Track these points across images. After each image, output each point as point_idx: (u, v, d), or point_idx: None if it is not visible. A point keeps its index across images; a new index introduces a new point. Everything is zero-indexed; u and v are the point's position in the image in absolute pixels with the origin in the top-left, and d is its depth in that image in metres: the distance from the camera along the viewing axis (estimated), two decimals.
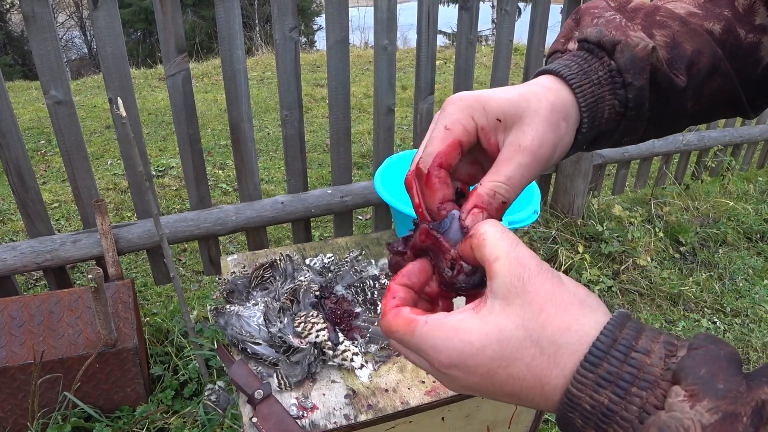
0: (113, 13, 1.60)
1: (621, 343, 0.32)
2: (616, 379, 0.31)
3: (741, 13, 0.46)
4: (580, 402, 0.32)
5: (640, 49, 0.42)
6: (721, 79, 0.45)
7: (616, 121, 0.45)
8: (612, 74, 0.43)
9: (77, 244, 1.78)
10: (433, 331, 0.36)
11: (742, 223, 2.98)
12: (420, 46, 2.08)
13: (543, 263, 0.36)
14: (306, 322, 0.99)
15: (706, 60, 0.44)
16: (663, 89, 0.44)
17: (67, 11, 14.99)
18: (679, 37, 0.44)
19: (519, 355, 0.33)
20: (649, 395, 0.30)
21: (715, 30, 0.45)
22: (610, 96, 0.43)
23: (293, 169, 2.05)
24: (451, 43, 9.69)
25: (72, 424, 1.56)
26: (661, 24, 0.44)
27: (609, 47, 0.43)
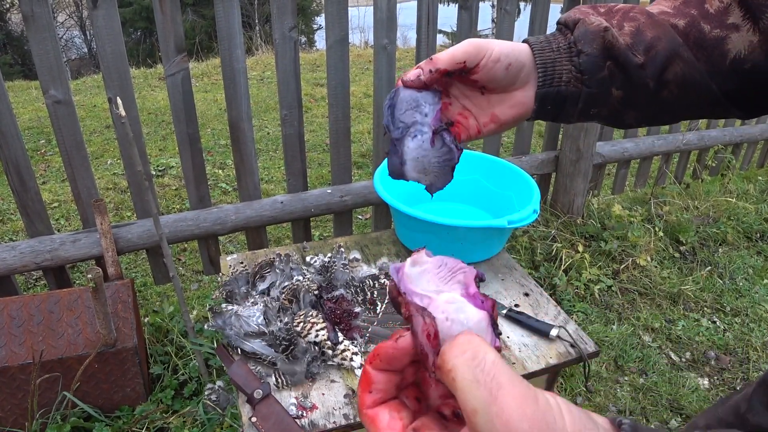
0: (113, 13, 1.60)
1: None
2: None
3: (711, 12, 0.53)
4: None
5: (594, 26, 0.53)
6: (683, 64, 0.52)
7: (577, 87, 0.53)
8: (569, 45, 0.53)
9: (77, 243, 1.78)
10: None
11: (742, 223, 2.98)
12: (420, 46, 2.07)
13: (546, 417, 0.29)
14: (305, 322, 0.99)
15: (664, 45, 0.52)
16: (622, 64, 0.52)
17: (67, 11, 14.99)
18: (643, 27, 0.53)
19: None
20: None
21: (679, 24, 0.53)
22: (566, 62, 0.53)
23: (293, 168, 2.05)
24: (451, 43, 9.69)
25: (71, 423, 1.56)
26: (632, 18, 0.54)
27: (571, 25, 0.54)
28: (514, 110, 0.55)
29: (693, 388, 1.92)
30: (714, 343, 2.15)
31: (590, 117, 0.56)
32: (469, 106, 0.56)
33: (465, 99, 0.55)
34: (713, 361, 2.07)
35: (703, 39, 0.52)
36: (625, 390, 1.92)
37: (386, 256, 1.30)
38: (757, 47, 0.52)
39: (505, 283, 1.23)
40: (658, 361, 2.04)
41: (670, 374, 1.98)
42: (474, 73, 0.52)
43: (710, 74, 0.52)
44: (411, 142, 0.52)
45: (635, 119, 0.56)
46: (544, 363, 1.00)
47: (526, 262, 2.48)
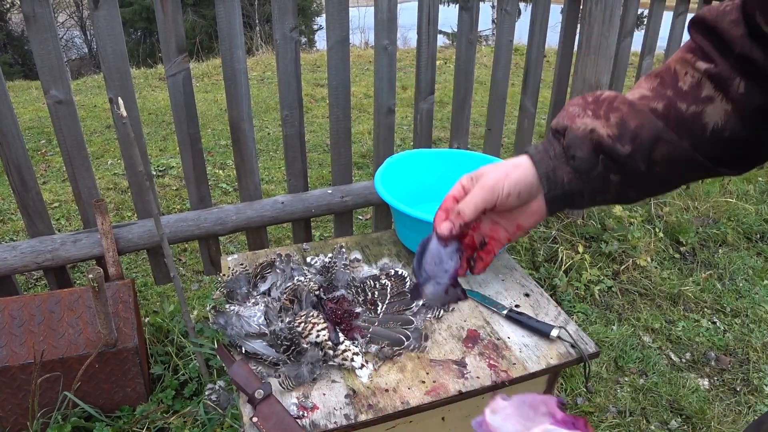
0: (114, 13, 1.60)
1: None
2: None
3: (685, 90, 0.58)
4: None
5: (580, 131, 0.60)
6: (668, 145, 0.58)
7: (578, 184, 0.61)
8: (564, 150, 0.61)
9: (77, 243, 1.79)
10: None
11: (742, 223, 2.98)
12: (420, 47, 2.08)
13: None
14: (306, 322, 0.99)
15: (647, 131, 0.57)
16: (612, 157, 0.58)
17: (68, 11, 14.99)
18: (626, 117, 0.58)
19: None
20: None
21: (658, 107, 0.58)
22: (565, 165, 0.61)
23: (293, 168, 2.05)
24: (452, 43, 9.69)
25: (72, 423, 1.57)
26: (616, 108, 0.59)
27: (561, 131, 0.61)
28: (534, 217, 0.64)
29: (693, 389, 1.92)
30: (714, 343, 2.16)
31: (599, 202, 0.63)
32: (497, 219, 0.66)
33: (493, 214, 0.65)
34: (713, 361, 2.07)
35: (682, 117, 0.57)
36: (625, 390, 1.92)
37: (387, 257, 1.31)
38: (732, 115, 0.56)
39: (505, 284, 1.24)
40: (659, 362, 2.04)
41: (670, 375, 1.99)
42: (493, 210, 0.63)
43: (694, 147, 0.57)
44: (430, 288, 0.67)
45: (638, 195, 0.63)
46: (545, 363, 1.00)
47: (527, 263, 2.48)
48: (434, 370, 0.98)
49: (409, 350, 1.02)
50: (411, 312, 1.08)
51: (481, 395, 0.98)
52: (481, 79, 5.36)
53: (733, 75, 0.55)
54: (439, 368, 0.99)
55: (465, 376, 0.97)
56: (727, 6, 0.57)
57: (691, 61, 0.58)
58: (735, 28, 0.55)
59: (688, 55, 0.59)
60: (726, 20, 0.56)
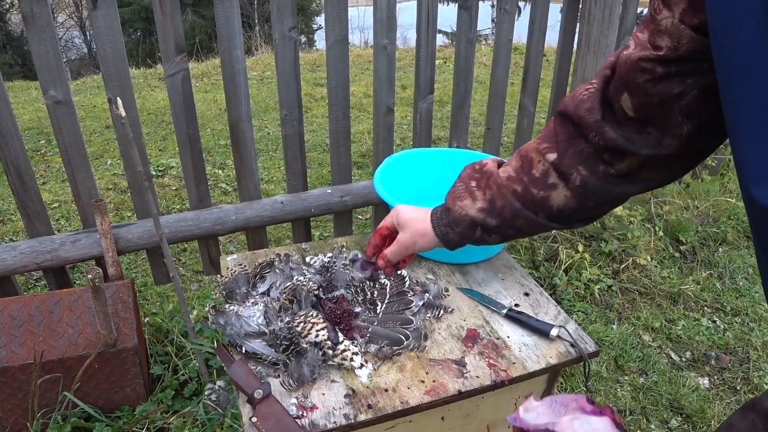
0: (113, 13, 1.60)
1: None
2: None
3: (537, 176, 0.75)
4: None
5: (458, 214, 0.83)
6: (525, 219, 0.78)
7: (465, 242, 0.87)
8: (450, 223, 0.85)
9: (77, 244, 1.78)
10: None
11: (742, 222, 2.98)
12: (419, 46, 2.07)
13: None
14: (306, 322, 0.99)
15: (509, 210, 0.78)
16: (484, 227, 0.82)
17: (67, 11, 14.98)
18: (495, 196, 0.80)
19: None
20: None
21: (518, 189, 0.77)
22: (452, 232, 0.85)
23: (293, 168, 2.05)
24: (451, 43, 9.69)
25: (72, 424, 1.56)
26: (489, 186, 0.81)
27: (450, 208, 0.85)
28: None
29: (693, 388, 1.92)
30: (714, 342, 2.16)
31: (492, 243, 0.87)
32: None
33: None
34: (713, 360, 2.07)
35: (534, 199, 0.76)
36: (625, 389, 1.92)
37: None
38: (571, 199, 0.74)
39: (505, 283, 1.23)
40: (659, 361, 2.04)
41: (670, 374, 1.99)
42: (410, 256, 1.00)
43: (547, 218, 0.77)
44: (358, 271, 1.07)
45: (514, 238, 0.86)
46: (545, 363, 1.00)
47: (527, 262, 2.48)
48: (434, 370, 0.98)
49: (409, 350, 1.02)
50: (410, 312, 1.08)
51: (481, 395, 0.98)
52: (481, 79, 5.36)
53: (572, 170, 0.71)
54: (439, 368, 0.99)
55: (465, 376, 0.97)
56: (584, 95, 0.68)
57: (543, 151, 0.74)
58: (590, 114, 0.67)
59: (543, 145, 0.74)
60: (582, 108, 0.68)
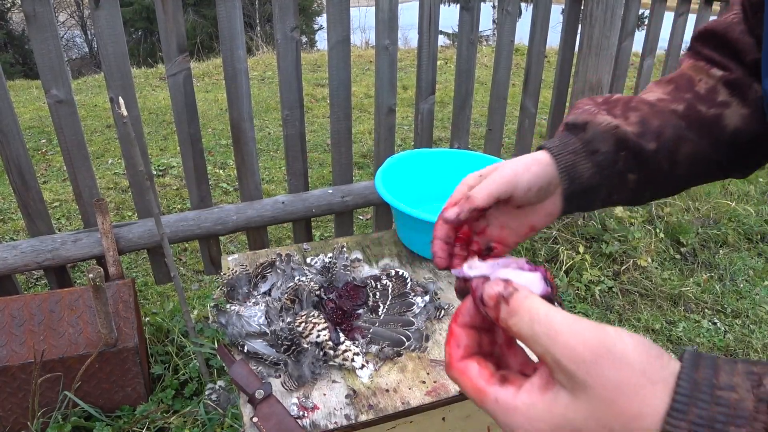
0: (115, 13, 1.60)
1: (703, 383, 0.31)
2: (710, 422, 0.30)
3: (702, 94, 0.59)
4: None
5: (603, 125, 0.57)
6: (691, 144, 0.58)
7: (598, 181, 0.57)
8: (584, 145, 0.57)
9: (78, 243, 1.78)
10: (504, 413, 0.37)
11: (743, 224, 2.98)
12: (421, 47, 2.07)
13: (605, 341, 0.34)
14: (307, 322, 0.99)
15: (671, 131, 0.57)
16: (637, 155, 0.57)
17: (68, 10, 14.99)
18: (647, 116, 0.58)
19: None
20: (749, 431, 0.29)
21: (679, 109, 0.59)
22: (585, 161, 0.57)
23: (294, 168, 2.05)
24: (452, 44, 9.69)
25: (72, 423, 1.56)
26: (634, 108, 0.59)
27: (581, 126, 0.58)
28: (548, 216, 0.59)
29: None
30: (714, 344, 2.15)
31: (612, 202, 0.61)
32: (506, 221, 0.59)
33: (502, 216, 0.58)
34: None
35: (702, 119, 0.58)
36: None
37: (388, 257, 1.30)
38: (750, 118, 0.58)
39: None
40: None
41: None
42: (507, 202, 0.56)
43: (713, 147, 0.59)
44: None
45: (651, 196, 0.62)
46: None
47: None
48: (435, 371, 0.98)
49: (410, 350, 1.02)
50: (412, 313, 1.08)
51: None
52: (482, 80, 5.36)
53: (749, 81, 0.58)
54: (440, 368, 0.99)
55: None
56: (733, 18, 0.59)
57: (704, 68, 0.60)
58: (745, 36, 0.58)
59: (700, 63, 0.61)
60: (736, 30, 0.58)
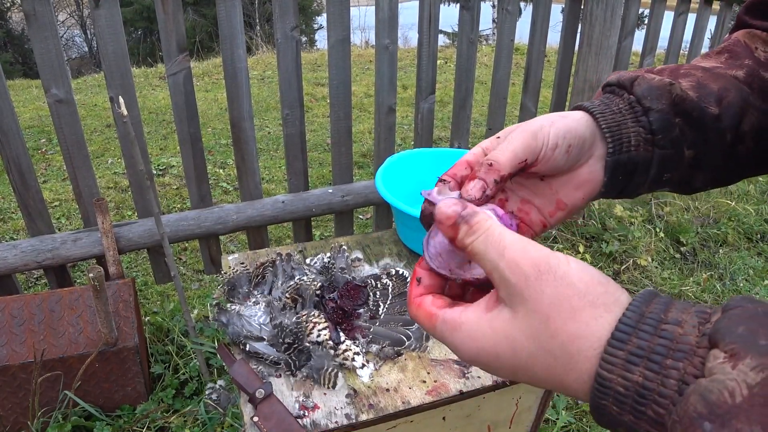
0: (115, 12, 1.60)
1: (649, 317, 0.30)
2: (649, 353, 0.29)
3: (762, 61, 0.50)
4: (611, 385, 0.30)
5: (656, 81, 0.46)
6: (757, 113, 0.48)
7: (648, 150, 0.46)
8: (632, 104, 0.46)
9: (78, 242, 1.78)
10: (450, 331, 0.37)
11: (743, 224, 2.98)
12: (421, 46, 2.07)
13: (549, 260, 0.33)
14: (308, 322, 0.99)
15: (734, 94, 0.47)
16: (696, 120, 0.46)
17: (68, 10, 14.98)
18: (704, 80, 0.48)
19: (533, 362, 0.34)
20: (687, 365, 0.28)
21: (739, 75, 0.49)
22: (633, 123, 0.46)
23: (294, 168, 2.05)
24: (452, 43, 9.69)
25: (72, 422, 1.56)
26: (685, 74, 0.48)
27: (627, 84, 0.47)
28: (581, 191, 0.47)
29: None
30: None
31: (661, 184, 0.50)
32: (528, 196, 0.48)
33: (523, 189, 0.47)
34: None
35: (765, 83, 0.49)
36: None
37: (388, 257, 1.30)
38: None
39: None
40: None
41: None
42: (532, 167, 0.44)
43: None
44: None
45: (703, 182, 0.51)
46: None
47: None
48: (435, 370, 0.98)
49: (410, 350, 1.02)
50: None
51: (482, 395, 0.98)
52: (482, 79, 5.36)
53: None
54: (440, 368, 0.99)
55: (466, 376, 0.97)
56: None
57: (761, 36, 0.52)
58: None
59: (757, 31, 0.53)
60: None
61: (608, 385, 0.30)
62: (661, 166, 0.47)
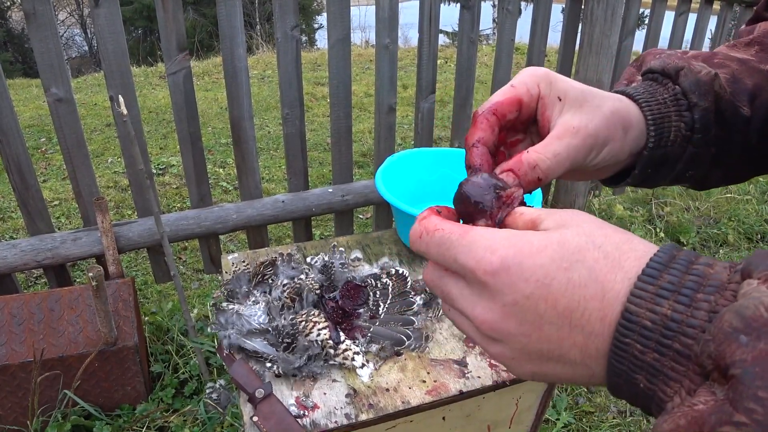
0: (115, 11, 1.59)
1: (680, 258, 0.30)
2: (679, 287, 0.28)
3: None
4: (638, 319, 0.29)
5: (704, 74, 0.44)
6: None
7: (682, 146, 0.45)
8: (677, 97, 0.44)
9: (77, 242, 1.78)
10: (491, 233, 0.33)
11: (743, 224, 2.97)
12: (421, 45, 2.07)
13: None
14: (307, 321, 0.99)
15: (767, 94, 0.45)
16: (727, 119, 0.44)
17: (68, 9, 14.97)
18: (739, 73, 0.45)
19: (581, 256, 0.31)
20: (718, 298, 0.27)
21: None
22: (676, 117, 0.44)
23: (294, 167, 2.05)
24: (452, 43, 9.69)
25: (72, 422, 1.56)
26: (719, 65, 0.45)
27: (673, 74, 0.44)
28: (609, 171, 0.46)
29: None
30: None
31: (683, 180, 0.49)
32: None
33: None
34: None
35: None
36: None
37: (388, 256, 1.30)
38: None
39: None
40: None
41: None
42: None
43: None
44: None
45: (717, 179, 0.50)
46: None
47: None
48: (435, 370, 0.98)
49: (410, 350, 1.02)
50: (412, 312, 1.08)
51: (482, 395, 0.98)
52: (482, 79, 5.36)
53: None
54: (440, 368, 0.98)
55: (466, 376, 0.97)
56: None
57: None
58: None
59: None
60: None
61: (634, 319, 0.29)
62: (688, 163, 0.46)
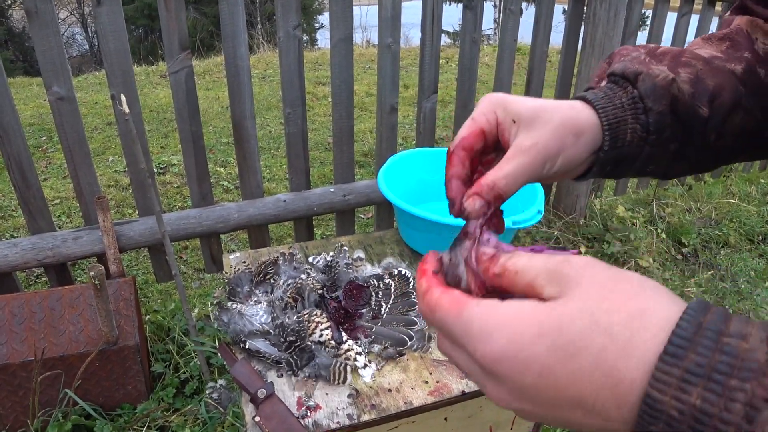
0: (116, 9, 1.59)
1: (708, 328, 0.25)
2: (709, 371, 0.24)
3: (760, 56, 0.50)
4: (663, 407, 0.25)
5: (660, 79, 0.46)
6: (744, 114, 0.49)
7: (639, 146, 0.48)
8: (634, 100, 0.47)
9: (78, 240, 1.78)
10: (485, 314, 0.31)
11: (745, 225, 2.97)
12: (424, 45, 2.07)
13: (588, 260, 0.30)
14: (310, 321, 0.98)
15: (728, 95, 0.48)
16: (685, 120, 0.47)
17: (69, 7, 14.97)
18: (702, 74, 0.48)
19: (584, 343, 0.27)
20: (756, 386, 0.23)
21: (737, 70, 0.49)
22: (632, 120, 0.47)
23: (295, 167, 2.04)
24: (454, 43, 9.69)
25: (72, 421, 1.56)
26: (686, 63, 0.48)
27: (632, 78, 0.47)
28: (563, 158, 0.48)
29: None
30: None
31: (644, 174, 0.52)
32: None
33: None
34: None
35: (759, 85, 0.49)
36: None
37: (390, 256, 1.30)
38: None
39: None
40: None
41: None
42: None
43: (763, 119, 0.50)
44: None
45: (681, 171, 0.53)
46: None
47: None
48: (437, 371, 0.98)
49: (413, 350, 1.01)
50: (414, 312, 1.07)
51: (483, 395, 0.98)
52: (484, 79, 5.36)
53: None
54: (443, 368, 0.98)
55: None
56: None
57: (761, 26, 0.51)
58: None
59: (759, 21, 0.51)
60: None
61: (659, 407, 0.25)
62: (647, 160, 0.49)
